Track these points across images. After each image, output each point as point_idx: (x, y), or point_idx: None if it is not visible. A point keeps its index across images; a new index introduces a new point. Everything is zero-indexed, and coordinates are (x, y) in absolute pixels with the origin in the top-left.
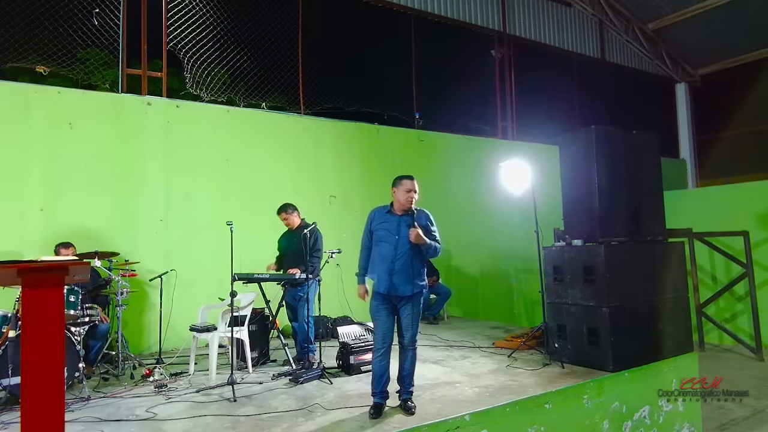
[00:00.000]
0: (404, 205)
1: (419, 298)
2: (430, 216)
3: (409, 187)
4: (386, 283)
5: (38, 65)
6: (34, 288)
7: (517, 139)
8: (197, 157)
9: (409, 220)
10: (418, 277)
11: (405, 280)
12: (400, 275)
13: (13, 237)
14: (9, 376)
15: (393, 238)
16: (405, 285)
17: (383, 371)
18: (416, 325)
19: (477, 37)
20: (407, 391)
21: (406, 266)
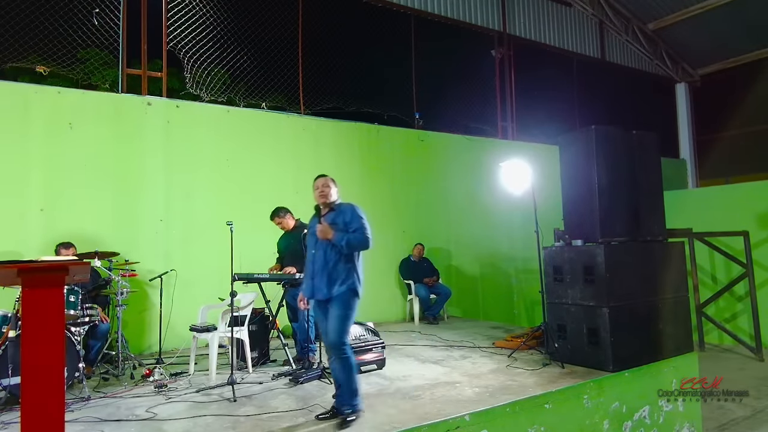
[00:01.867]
0: (318, 202)
1: (342, 301)
2: (357, 210)
3: (316, 184)
4: (308, 286)
5: (38, 65)
6: (34, 288)
7: (517, 139)
8: (197, 157)
9: (329, 218)
10: (340, 277)
11: (324, 282)
12: (319, 277)
13: (13, 237)
14: (9, 376)
15: (313, 241)
16: (324, 287)
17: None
18: (341, 329)
19: (477, 37)
20: (339, 403)
21: (325, 267)
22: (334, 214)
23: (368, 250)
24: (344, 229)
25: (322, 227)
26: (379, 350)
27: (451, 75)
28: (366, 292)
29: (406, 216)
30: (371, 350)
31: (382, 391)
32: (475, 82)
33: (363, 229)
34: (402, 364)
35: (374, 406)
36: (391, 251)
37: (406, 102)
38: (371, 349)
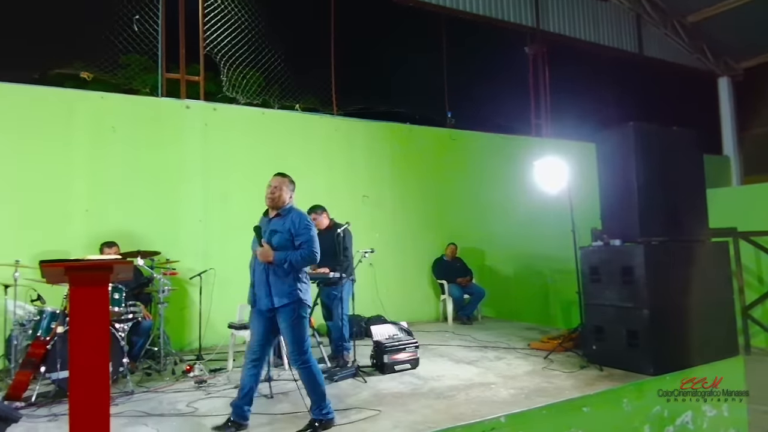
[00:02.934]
0: (267, 205)
1: (287, 313)
2: (305, 219)
3: (270, 182)
4: (251, 296)
5: (82, 71)
6: (80, 286)
7: (552, 137)
8: (233, 159)
9: (276, 224)
10: (282, 288)
11: (265, 292)
12: (259, 286)
13: (60, 237)
14: (58, 370)
15: (255, 245)
16: (265, 297)
17: (246, 383)
18: (297, 342)
19: (510, 34)
20: (313, 411)
21: (265, 276)
22: (281, 220)
23: (400, 249)
24: (289, 237)
25: (263, 251)
26: (412, 350)
27: (483, 73)
28: (398, 291)
29: (438, 215)
30: (404, 350)
31: (416, 390)
32: (508, 80)
33: (310, 243)
34: (435, 364)
35: (408, 405)
36: (423, 251)
37: (437, 101)
38: (404, 348)
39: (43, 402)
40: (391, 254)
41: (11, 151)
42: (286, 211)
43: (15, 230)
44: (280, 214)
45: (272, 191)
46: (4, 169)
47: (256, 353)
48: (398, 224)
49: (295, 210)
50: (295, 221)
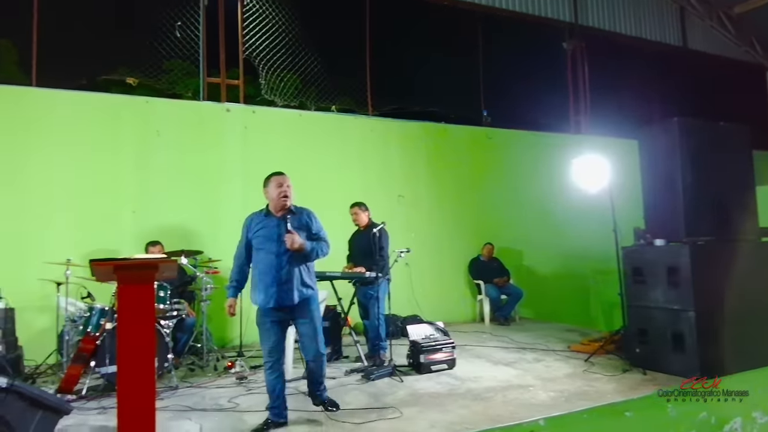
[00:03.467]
0: (279, 203)
1: (312, 305)
2: (312, 214)
3: (280, 181)
4: (273, 296)
5: (128, 77)
6: (128, 284)
7: (591, 134)
8: (272, 160)
9: (292, 221)
10: (306, 282)
11: (291, 288)
12: (286, 284)
13: (108, 236)
14: (107, 364)
15: (273, 245)
16: (292, 293)
17: (275, 386)
18: (319, 336)
19: (547, 29)
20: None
21: (294, 273)
22: (296, 218)
23: (436, 249)
24: (306, 234)
25: (294, 238)
26: (449, 350)
27: (520, 70)
28: (434, 291)
29: (474, 215)
30: (441, 350)
31: (453, 390)
32: (546, 77)
33: (326, 238)
34: (473, 365)
35: (445, 405)
36: (459, 251)
37: (473, 100)
38: (441, 348)
39: (92, 395)
40: (427, 254)
41: (63, 155)
42: (298, 210)
43: (67, 230)
44: (292, 212)
45: (286, 191)
46: (57, 173)
47: (275, 355)
48: (434, 224)
49: (302, 207)
50: (311, 217)
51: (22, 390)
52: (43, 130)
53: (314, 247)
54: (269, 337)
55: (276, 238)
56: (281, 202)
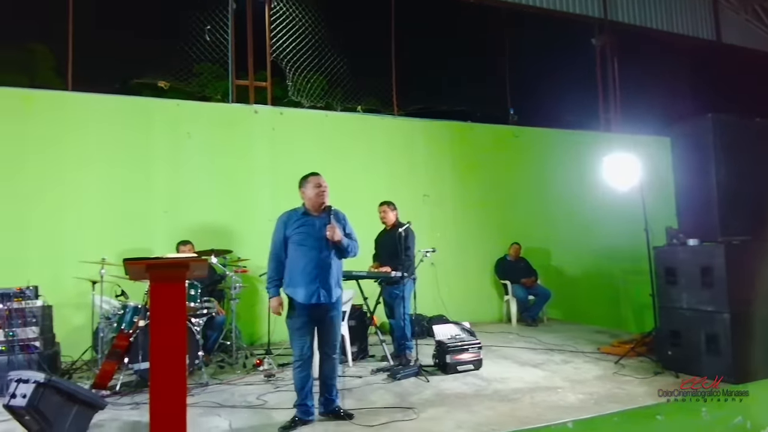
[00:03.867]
0: (317, 202)
1: (340, 305)
2: (344, 215)
3: (318, 181)
4: (315, 292)
5: (159, 81)
6: (160, 282)
7: (622, 132)
8: (299, 160)
9: (326, 220)
10: (340, 282)
11: (333, 285)
12: (328, 281)
13: (141, 236)
14: (140, 361)
15: (316, 242)
16: (333, 290)
17: (303, 383)
18: (339, 337)
19: (575, 26)
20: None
21: (333, 270)
22: (331, 217)
23: (462, 248)
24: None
25: (335, 230)
26: (475, 350)
27: (548, 67)
28: (460, 291)
29: (501, 214)
30: (467, 350)
31: (480, 391)
32: (574, 74)
33: (357, 239)
34: (499, 366)
35: (471, 406)
36: (485, 250)
37: (499, 98)
38: (467, 349)
39: (126, 391)
40: (453, 254)
41: (98, 157)
42: (333, 210)
43: (102, 230)
44: (327, 212)
45: (325, 190)
46: (92, 174)
47: (307, 353)
48: (459, 223)
49: (334, 207)
50: (343, 217)
51: (59, 385)
52: (79, 133)
53: (350, 243)
54: (302, 335)
55: (318, 236)
56: (319, 200)
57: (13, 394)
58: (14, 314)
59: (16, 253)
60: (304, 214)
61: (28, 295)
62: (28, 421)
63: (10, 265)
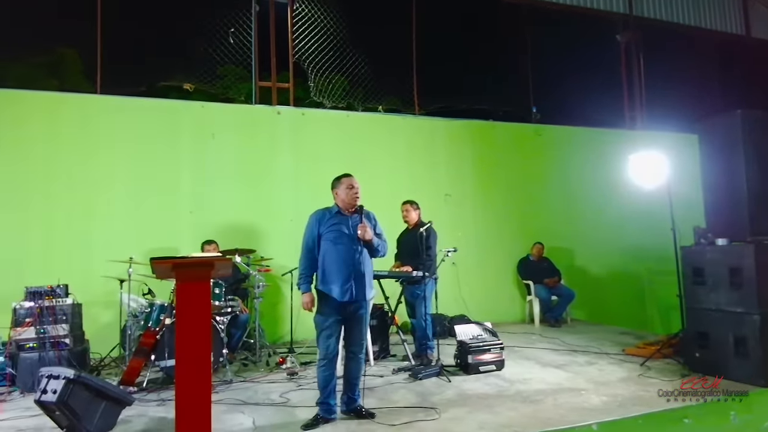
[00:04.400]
0: (350, 203)
1: (368, 304)
2: (373, 214)
3: (351, 183)
4: (349, 290)
5: (185, 83)
6: (186, 281)
7: (648, 129)
8: (321, 160)
9: (358, 220)
10: (370, 276)
11: (366, 283)
12: (362, 279)
13: (167, 236)
14: (166, 358)
15: (349, 241)
16: (367, 288)
17: (327, 382)
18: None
19: (599, 22)
20: (356, 399)
21: (365, 268)
22: (363, 217)
23: (484, 248)
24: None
25: (367, 229)
26: (497, 351)
27: (571, 65)
28: (482, 291)
29: (523, 214)
30: (489, 350)
31: (502, 392)
32: (598, 71)
33: (384, 236)
34: (522, 367)
35: (494, 407)
36: (508, 250)
37: (521, 96)
38: (489, 349)
39: (152, 387)
40: (474, 253)
41: (126, 158)
42: (365, 210)
43: (129, 230)
44: (359, 212)
45: (358, 192)
46: (120, 175)
47: (333, 352)
48: (481, 223)
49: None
50: (373, 217)
51: (88, 381)
52: (107, 135)
53: (380, 242)
54: (330, 335)
55: (351, 235)
56: (352, 201)
57: (44, 389)
58: (45, 312)
59: (47, 252)
60: (337, 214)
61: (58, 293)
62: (58, 416)
63: (42, 264)
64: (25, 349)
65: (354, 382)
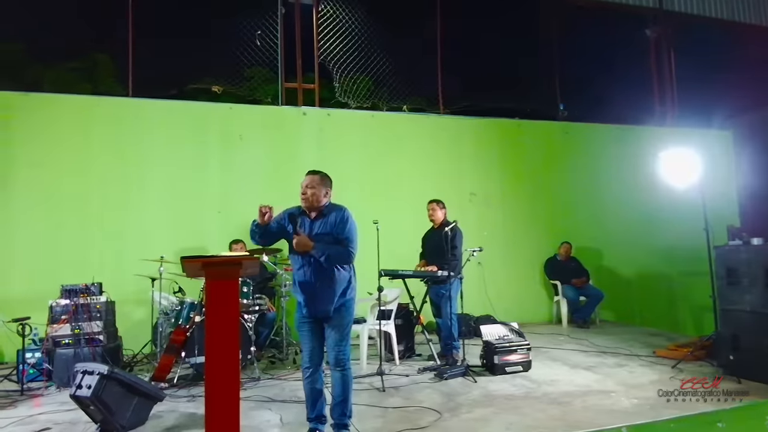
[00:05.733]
0: (304, 206)
1: (343, 312)
2: (346, 215)
3: (302, 183)
4: (307, 305)
5: (213, 86)
6: (215, 279)
7: (679, 126)
8: (346, 160)
9: (318, 226)
10: (339, 289)
11: (327, 297)
12: (320, 292)
13: (196, 235)
14: (195, 355)
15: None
16: (327, 303)
17: (313, 393)
18: (344, 342)
19: (627, 17)
20: (338, 423)
21: (324, 279)
22: (322, 221)
23: (510, 248)
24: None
25: (300, 239)
26: (524, 351)
27: (599, 61)
28: (508, 291)
29: (550, 213)
30: (516, 351)
31: (529, 393)
32: (627, 67)
33: (349, 242)
34: (549, 368)
35: (521, 409)
36: (535, 250)
37: (548, 93)
38: (516, 350)
39: (183, 383)
40: (500, 253)
41: (157, 159)
42: (327, 211)
43: (160, 229)
44: (323, 215)
45: (304, 192)
46: (151, 176)
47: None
48: (507, 222)
49: (336, 207)
50: (337, 217)
51: (121, 377)
52: (139, 137)
53: (328, 254)
54: (306, 342)
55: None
56: (304, 204)
57: (79, 384)
58: (80, 309)
59: (81, 252)
60: (301, 215)
61: (93, 291)
62: (92, 411)
63: (77, 263)
64: (61, 345)
65: (336, 400)
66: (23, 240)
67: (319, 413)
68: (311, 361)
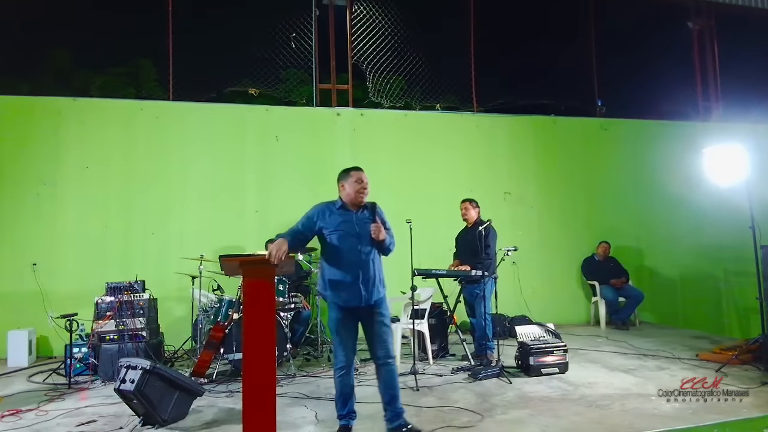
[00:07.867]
0: (357, 199)
1: (386, 303)
2: (378, 207)
3: (360, 177)
4: (357, 294)
5: (250, 88)
6: (252, 278)
7: (724, 121)
8: (380, 160)
9: (366, 216)
10: (382, 276)
11: (377, 285)
12: (370, 281)
13: (234, 234)
14: (234, 351)
15: (355, 240)
16: (377, 290)
17: (348, 390)
18: (391, 335)
19: (668, 9)
20: (400, 415)
21: (374, 268)
22: (370, 212)
23: (545, 247)
24: None
25: (379, 227)
26: (560, 353)
27: (638, 55)
28: (544, 291)
29: (587, 212)
30: (552, 352)
31: (566, 396)
32: (668, 60)
33: (392, 232)
34: (587, 370)
35: (557, 411)
36: (572, 249)
37: (585, 89)
38: (552, 351)
39: (221, 379)
40: (536, 252)
41: (196, 160)
42: (371, 205)
43: (200, 229)
44: (366, 207)
45: (365, 186)
46: (191, 177)
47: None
48: (543, 221)
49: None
50: (381, 212)
51: (162, 372)
52: (180, 139)
53: (391, 241)
54: (343, 340)
55: (357, 233)
56: (359, 198)
57: (122, 379)
58: (124, 306)
59: (125, 251)
60: (341, 209)
61: (136, 288)
62: (135, 405)
63: (121, 261)
64: (106, 340)
65: (391, 393)
66: (72, 239)
67: (350, 409)
68: (347, 359)
